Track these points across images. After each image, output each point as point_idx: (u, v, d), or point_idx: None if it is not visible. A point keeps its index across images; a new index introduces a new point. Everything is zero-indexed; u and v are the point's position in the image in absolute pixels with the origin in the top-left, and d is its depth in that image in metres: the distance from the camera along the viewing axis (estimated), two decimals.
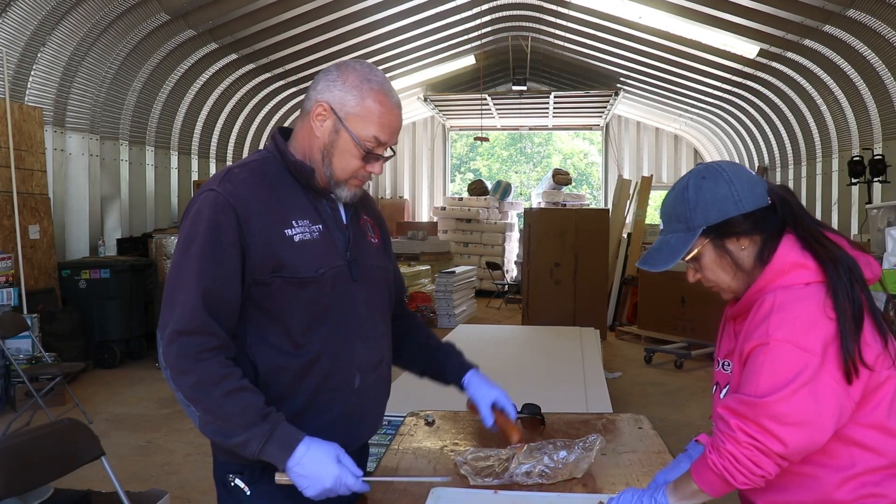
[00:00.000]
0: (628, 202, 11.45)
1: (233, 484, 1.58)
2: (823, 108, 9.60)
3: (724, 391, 1.49)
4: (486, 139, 15.78)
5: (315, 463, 1.45)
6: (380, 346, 1.67)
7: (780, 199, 1.44)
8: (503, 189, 15.43)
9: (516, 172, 25.16)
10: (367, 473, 1.80)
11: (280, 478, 1.48)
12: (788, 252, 1.39)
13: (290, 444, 1.45)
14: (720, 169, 1.45)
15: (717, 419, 1.38)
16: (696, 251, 1.46)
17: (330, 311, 1.56)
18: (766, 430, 1.29)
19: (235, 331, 1.52)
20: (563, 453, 1.81)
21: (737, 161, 7.44)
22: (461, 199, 15.12)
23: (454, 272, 10.92)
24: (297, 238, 1.52)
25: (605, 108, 14.36)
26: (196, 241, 1.46)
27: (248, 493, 1.57)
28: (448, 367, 1.86)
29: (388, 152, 1.58)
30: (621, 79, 12.88)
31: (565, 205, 14.04)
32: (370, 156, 1.54)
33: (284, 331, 1.53)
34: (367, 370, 1.62)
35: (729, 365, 1.50)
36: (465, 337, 5.89)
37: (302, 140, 1.57)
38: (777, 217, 1.43)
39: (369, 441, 1.80)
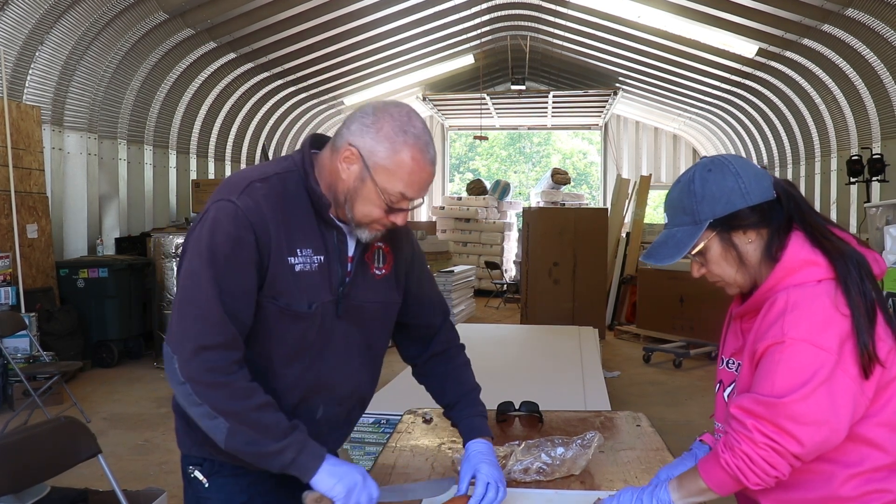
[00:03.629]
0: (627, 201, 11.44)
1: (192, 476, 1.58)
2: (822, 107, 9.60)
3: (729, 389, 1.47)
4: (485, 138, 15.78)
5: (344, 469, 1.46)
6: (351, 380, 1.62)
7: (785, 193, 1.43)
8: (502, 189, 15.43)
9: (515, 172, 25.17)
10: None
11: (310, 497, 1.46)
12: (799, 249, 1.38)
13: (320, 454, 1.46)
14: (726, 161, 1.44)
15: (729, 419, 1.36)
16: (702, 245, 1.44)
17: (313, 347, 1.53)
18: (783, 430, 1.27)
19: None
20: (560, 450, 1.80)
21: None
22: (460, 198, 15.11)
23: (453, 271, 10.91)
24: (297, 268, 1.48)
25: (604, 107, 14.35)
26: (215, 253, 1.41)
27: (207, 485, 1.57)
28: (460, 426, 1.75)
29: (418, 201, 1.51)
30: (620, 78, 12.88)
31: (564, 204, 14.03)
32: (394, 208, 1.48)
33: (266, 356, 1.50)
34: (331, 403, 1.60)
35: (734, 363, 1.48)
36: (463, 337, 5.87)
37: (328, 174, 1.50)
38: (783, 211, 1.42)
39: (367, 440, 1.80)
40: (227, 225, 1.41)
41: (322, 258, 1.51)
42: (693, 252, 1.45)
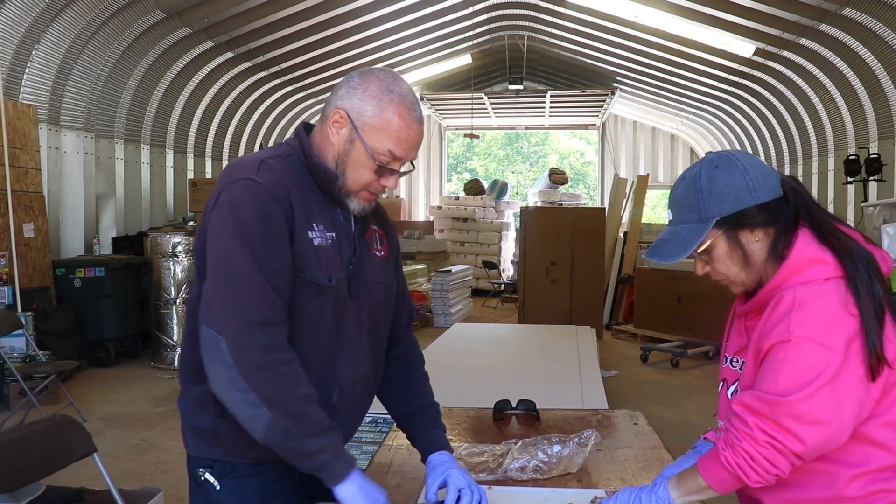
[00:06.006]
0: (625, 201, 11.45)
1: (203, 478, 1.55)
2: (820, 107, 9.61)
3: (732, 388, 1.45)
4: (477, 136, 15.76)
5: (372, 487, 1.45)
6: (363, 363, 1.61)
7: (792, 190, 1.40)
8: (500, 188, 15.43)
9: (513, 172, 25.16)
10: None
11: None
12: (807, 247, 1.35)
13: (350, 463, 1.44)
14: (734, 158, 1.40)
15: (731, 416, 1.35)
16: (708, 243, 1.40)
17: (329, 326, 1.52)
18: (785, 428, 1.26)
19: None
20: (557, 448, 1.80)
21: None
22: (458, 198, 15.11)
23: (450, 271, 10.91)
24: (315, 242, 1.48)
25: (602, 107, 14.36)
26: (246, 230, 1.39)
27: (218, 487, 1.54)
28: (420, 439, 1.70)
29: (407, 166, 1.53)
30: (618, 78, 12.89)
31: (562, 204, 14.03)
32: (384, 169, 1.49)
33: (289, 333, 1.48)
34: (346, 387, 1.57)
35: (738, 361, 1.46)
36: (461, 336, 5.89)
37: (318, 144, 1.53)
38: (790, 209, 1.38)
39: (364, 439, 1.78)
40: (253, 200, 1.40)
41: (334, 235, 1.52)
42: (698, 250, 1.42)
